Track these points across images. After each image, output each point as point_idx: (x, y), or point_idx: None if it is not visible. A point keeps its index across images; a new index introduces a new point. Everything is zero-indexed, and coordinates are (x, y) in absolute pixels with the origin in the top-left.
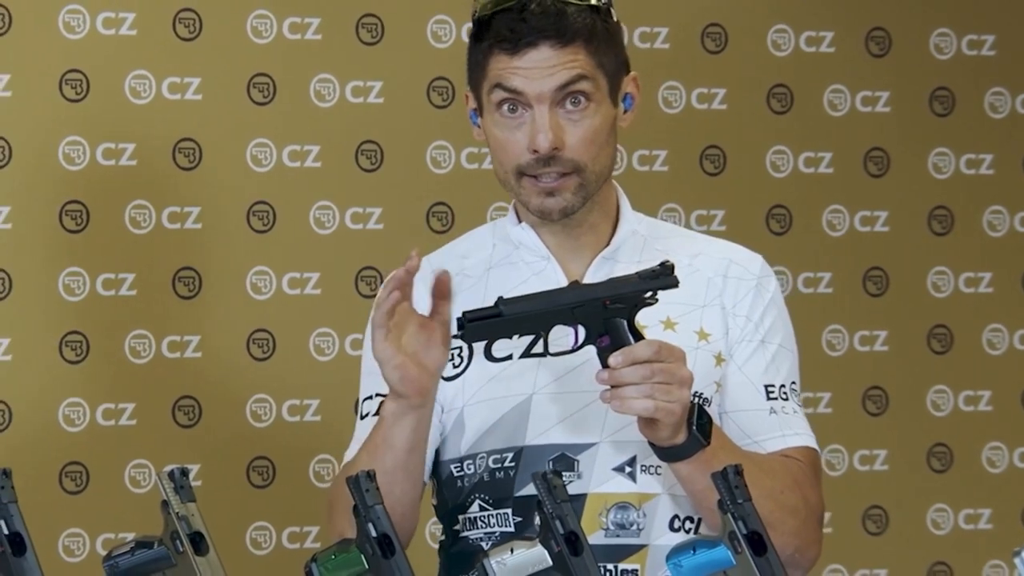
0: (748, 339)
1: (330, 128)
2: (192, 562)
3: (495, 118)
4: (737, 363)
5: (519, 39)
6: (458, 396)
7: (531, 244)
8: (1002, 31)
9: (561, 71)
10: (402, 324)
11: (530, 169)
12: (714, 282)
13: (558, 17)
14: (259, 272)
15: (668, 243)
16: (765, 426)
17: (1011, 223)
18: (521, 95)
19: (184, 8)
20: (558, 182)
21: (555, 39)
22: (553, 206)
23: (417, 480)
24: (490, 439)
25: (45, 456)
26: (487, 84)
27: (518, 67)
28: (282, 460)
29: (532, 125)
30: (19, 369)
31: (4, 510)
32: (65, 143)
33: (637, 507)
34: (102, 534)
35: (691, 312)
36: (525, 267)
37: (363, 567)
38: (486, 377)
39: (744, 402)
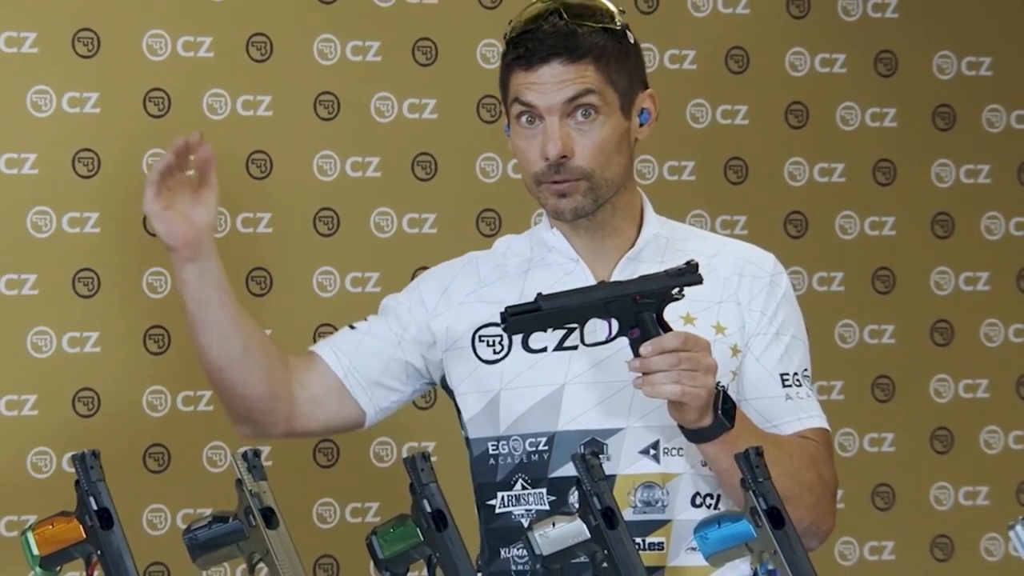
0: (763, 332)
1: (389, 141)
2: (264, 535)
3: (516, 130)
4: (754, 354)
5: (533, 55)
6: (496, 380)
7: (561, 247)
8: (998, 53)
9: (570, 85)
10: (176, 188)
11: (544, 176)
12: (730, 280)
13: (569, 37)
14: (324, 272)
15: (687, 244)
16: (782, 411)
17: (1007, 227)
18: (534, 108)
19: (256, 33)
20: (569, 185)
21: (565, 56)
22: (565, 207)
23: (229, 331)
24: (525, 423)
25: (130, 439)
26: (509, 99)
27: (532, 82)
28: (344, 442)
29: (544, 135)
30: (107, 360)
31: (93, 487)
32: (148, 155)
33: (661, 486)
34: (182, 509)
35: (709, 308)
36: (558, 268)
37: (418, 539)
38: (523, 366)
39: (762, 390)
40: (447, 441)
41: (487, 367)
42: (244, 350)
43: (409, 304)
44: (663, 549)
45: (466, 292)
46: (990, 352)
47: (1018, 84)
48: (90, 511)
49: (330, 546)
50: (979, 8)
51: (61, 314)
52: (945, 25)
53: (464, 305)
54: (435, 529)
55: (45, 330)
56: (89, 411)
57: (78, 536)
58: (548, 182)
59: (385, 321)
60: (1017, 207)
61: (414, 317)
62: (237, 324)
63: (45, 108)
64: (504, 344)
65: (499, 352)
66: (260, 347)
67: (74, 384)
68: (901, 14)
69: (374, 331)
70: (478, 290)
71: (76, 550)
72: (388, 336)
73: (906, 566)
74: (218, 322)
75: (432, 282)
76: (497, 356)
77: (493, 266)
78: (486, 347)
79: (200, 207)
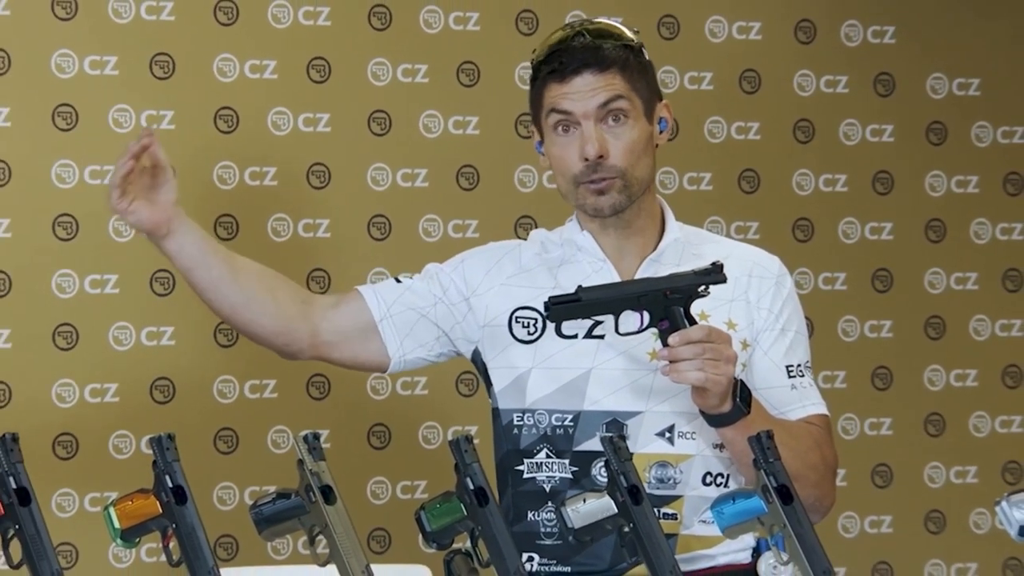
0: (770, 328)
1: (436, 154)
2: (323, 510)
3: (553, 139)
4: (763, 348)
5: (566, 68)
6: (528, 358)
7: (590, 248)
8: (985, 75)
9: (602, 92)
10: (135, 181)
11: (582, 176)
12: (740, 280)
13: (596, 51)
14: (377, 272)
15: (702, 248)
16: (788, 399)
17: (993, 232)
18: (571, 115)
19: (316, 56)
20: (606, 183)
21: (595, 67)
22: (604, 203)
23: (223, 287)
24: (552, 400)
25: (202, 423)
26: (544, 111)
27: (567, 92)
28: (396, 426)
29: (581, 138)
30: (181, 352)
31: (169, 467)
32: (219, 167)
33: (675, 465)
34: (248, 487)
35: (721, 306)
36: (586, 265)
37: (462, 514)
38: (555, 349)
39: (770, 380)
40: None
41: (521, 346)
42: (246, 299)
43: (452, 275)
44: (676, 519)
45: (508, 275)
46: (978, 345)
47: (1004, 103)
48: (166, 488)
49: (383, 520)
50: (968, 35)
51: (139, 311)
52: (938, 50)
53: (505, 287)
54: (477, 505)
55: (125, 325)
56: (165, 398)
57: (155, 511)
58: (586, 182)
59: (427, 283)
60: (1003, 214)
61: (456, 287)
62: (232, 279)
63: (125, 124)
64: (538, 327)
65: (533, 334)
66: (265, 292)
67: (151, 374)
68: (898, 40)
69: (416, 288)
70: (519, 274)
71: (153, 524)
72: (427, 296)
73: (902, 538)
74: (211, 282)
75: (478, 261)
76: (531, 337)
77: (533, 254)
78: (521, 328)
79: (160, 189)
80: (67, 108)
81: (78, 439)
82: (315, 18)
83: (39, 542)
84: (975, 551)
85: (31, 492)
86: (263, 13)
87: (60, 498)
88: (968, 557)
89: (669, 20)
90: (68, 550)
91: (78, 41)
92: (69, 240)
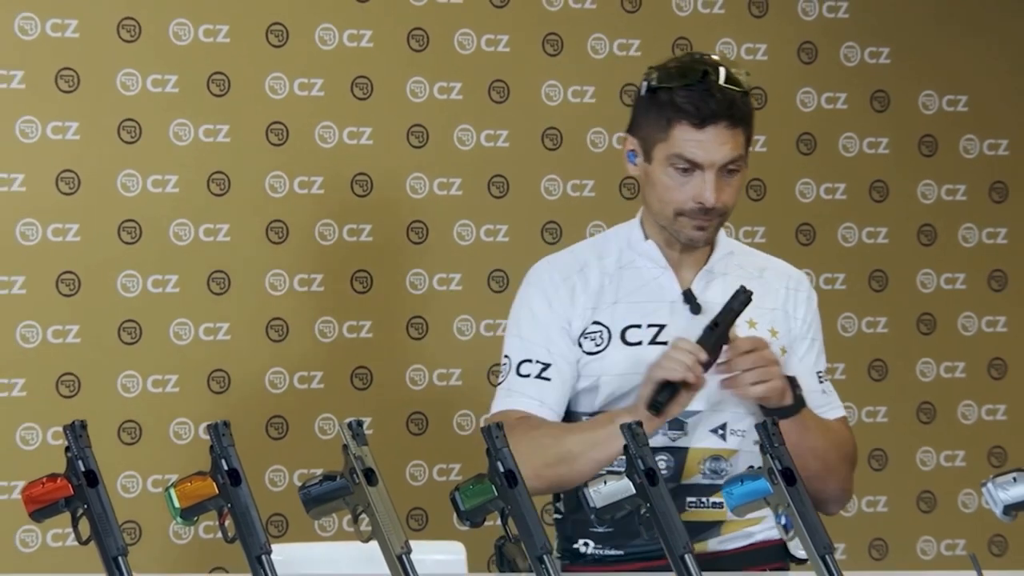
0: (803, 337)
1: (470, 165)
2: (365, 491)
3: (668, 171)
4: (798, 355)
5: (704, 116)
6: (597, 367)
7: (654, 257)
8: (973, 93)
9: (729, 149)
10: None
11: (691, 214)
12: (779, 292)
13: (732, 103)
14: (415, 273)
15: (744, 259)
16: (819, 401)
17: (980, 236)
18: (698, 165)
19: (359, 75)
20: (710, 223)
21: (729, 120)
22: (701, 238)
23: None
24: (620, 403)
25: (255, 411)
26: (666, 146)
27: (699, 139)
28: (433, 414)
29: (701, 185)
30: (235, 347)
31: (224, 452)
32: (270, 177)
33: (726, 459)
34: (297, 470)
35: (765, 315)
36: (647, 272)
37: (493, 495)
38: (621, 357)
39: (805, 385)
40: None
41: (590, 357)
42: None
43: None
44: (723, 507)
45: (581, 296)
46: (966, 340)
47: (989, 118)
48: (221, 471)
49: (420, 500)
50: (957, 56)
51: (198, 308)
52: (929, 69)
53: (576, 308)
54: (507, 486)
55: (185, 321)
56: (221, 388)
57: (212, 492)
58: (692, 219)
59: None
60: (988, 219)
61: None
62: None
63: (184, 138)
64: (604, 338)
65: (599, 345)
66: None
67: (209, 366)
68: (893, 60)
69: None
70: (587, 293)
71: (210, 503)
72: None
73: (896, 517)
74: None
75: (561, 290)
76: (599, 348)
77: (598, 273)
78: (589, 341)
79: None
80: (131, 123)
81: (141, 426)
82: (358, 40)
83: (105, 520)
84: (963, 529)
85: (98, 474)
86: (311, 36)
87: (125, 480)
88: (956, 534)
89: (683, 42)
90: (132, 527)
91: (141, 61)
92: (133, 244)
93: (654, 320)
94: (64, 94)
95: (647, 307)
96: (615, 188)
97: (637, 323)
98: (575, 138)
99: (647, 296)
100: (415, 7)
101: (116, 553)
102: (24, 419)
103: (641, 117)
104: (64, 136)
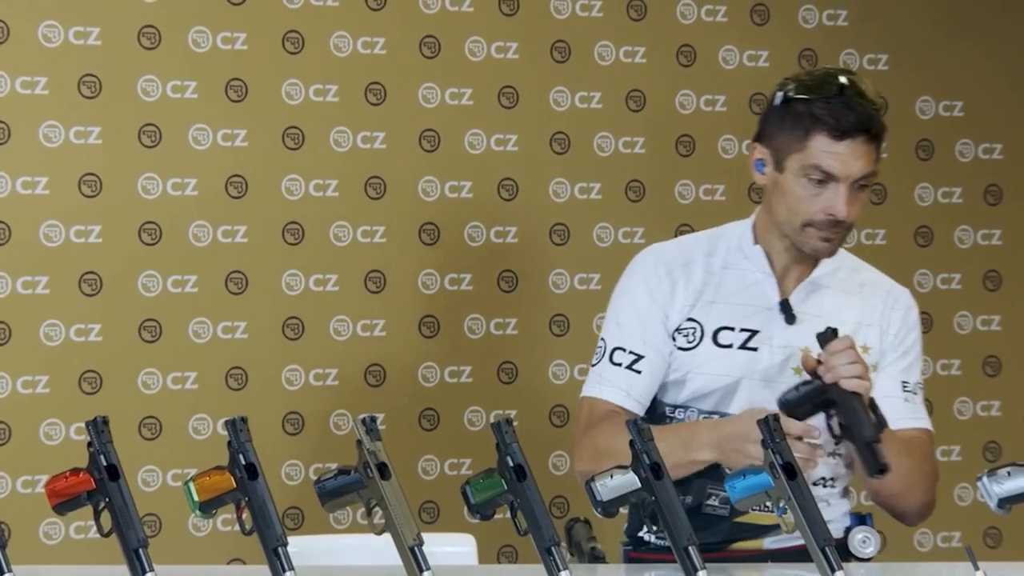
0: (894, 350)
1: (479, 169)
2: (379, 485)
3: (801, 181)
4: (884, 365)
5: (844, 129)
6: (686, 363)
7: (759, 262)
8: (968, 99)
9: (864, 164)
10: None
11: (820, 225)
12: (876, 308)
13: (870, 118)
14: (427, 273)
15: (847, 274)
16: (901, 410)
17: (975, 238)
18: (833, 176)
19: (373, 82)
20: (836, 235)
21: (867, 135)
22: (826, 250)
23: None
24: (704, 401)
25: (272, 408)
26: (802, 157)
27: (837, 152)
28: (444, 410)
29: (834, 197)
30: (254, 345)
31: (242, 447)
32: (286, 180)
33: None
34: (313, 464)
35: (859, 330)
36: (749, 275)
37: (503, 488)
38: (712, 357)
39: (887, 391)
40: (526, 410)
41: (681, 352)
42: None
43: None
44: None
45: (682, 292)
46: (962, 338)
47: (984, 123)
48: (239, 465)
49: (432, 494)
50: (953, 63)
51: (216, 308)
52: (925, 76)
53: (675, 303)
54: (516, 480)
55: (203, 320)
56: (239, 385)
57: (230, 486)
58: (820, 230)
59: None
60: (983, 221)
61: (662, 323)
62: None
63: (203, 142)
64: (696, 335)
65: (692, 341)
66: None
67: (226, 364)
68: (890, 67)
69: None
70: (688, 290)
71: (228, 497)
72: (658, 362)
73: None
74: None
75: (664, 283)
76: (690, 345)
77: (702, 271)
78: (682, 337)
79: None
80: (151, 127)
81: (161, 421)
82: (372, 47)
83: (127, 513)
84: (959, 521)
85: (119, 469)
86: (326, 43)
87: (145, 474)
88: (952, 527)
89: (687, 49)
90: (152, 520)
91: (161, 68)
92: (153, 245)
93: (748, 325)
94: (86, 100)
95: (744, 311)
96: (621, 191)
97: (731, 325)
98: (582, 142)
99: (746, 300)
100: (427, 15)
101: (137, 545)
102: (48, 415)
103: (774, 127)
104: (86, 140)
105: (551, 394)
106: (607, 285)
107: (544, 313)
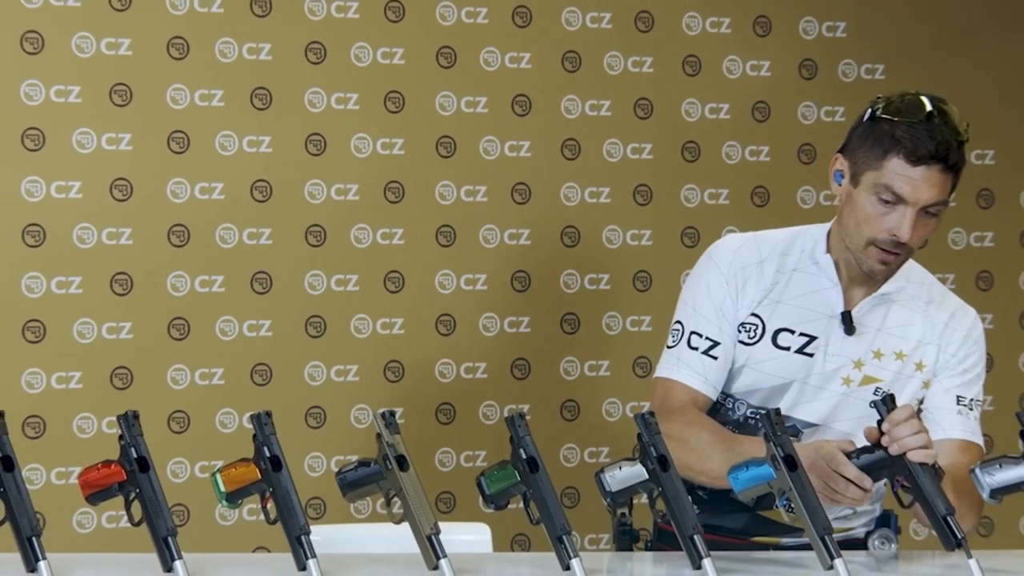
0: (951, 367)
1: (494, 173)
2: (397, 476)
3: (871, 199)
4: (939, 378)
5: (921, 155)
6: (743, 356)
7: (828, 271)
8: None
9: (936, 192)
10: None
11: (883, 245)
12: (937, 327)
13: (949, 149)
14: (444, 274)
15: (916, 290)
16: (952, 421)
17: (968, 240)
18: (903, 199)
19: (392, 90)
20: (896, 259)
21: (942, 165)
22: (880, 272)
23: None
24: (754, 396)
25: (294, 402)
26: (877, 175)
27: (911, 176)
28: (460, 404)
29: (900, 219)
30: (277, 342)
31: (267, 440)
32: (309, 184)
33: None
34: (334, 456)
35: (916, 348)
36: (815, 282)
37: (516, 479)
38: (768, 356)
39: (940, 403)
40: (538, 404)
41: (741, 346)
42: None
43: (731, 304)
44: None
45: (752, 289)
46: None
47: (977, 130)
48: (264, 458)
49: (448, 485)
50: (947, 72)
51: (242, 307)
52: (920, 84)
53: (744, 298)
54: (529, 472)
55: (230, 319)
56: (263, 381)
57: (255, 477)
58: (881, 249)
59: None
60: (976, 224)
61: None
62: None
63: (229, 148)
64: (757, 332)
65: (752, 338)
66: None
67: (252, 360)
68: (887, 76)
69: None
70: (758, 288)
71: (254, 488)
72: (731, 349)
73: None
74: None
75: (738, 277)
76: (751, 341)
77: (774, 270)
78: (744, 332)
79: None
80: (180, 134)
81: (189, 415)
82: (391, 57)
83: (156, 503)
84: None
85: (149, 461)
86: (347, 53)
87: (174, 466)
88: None
89: (692, 59)
90: (181, 510)
91: (189, 77)
92: (182, 246)
93: (808, 330)
94: (118, 108)
95: (806, 315)
96: (629, 194)
97: (791, 328)
98: (592, 148)
99: (809, 304)
100: (444, 27)
101: (166, 534)
102: (81, 409)
103: (857, 141)
104: (118, 147)
105: (562, 389)
106: (616, 285)
107: (555, 312)
